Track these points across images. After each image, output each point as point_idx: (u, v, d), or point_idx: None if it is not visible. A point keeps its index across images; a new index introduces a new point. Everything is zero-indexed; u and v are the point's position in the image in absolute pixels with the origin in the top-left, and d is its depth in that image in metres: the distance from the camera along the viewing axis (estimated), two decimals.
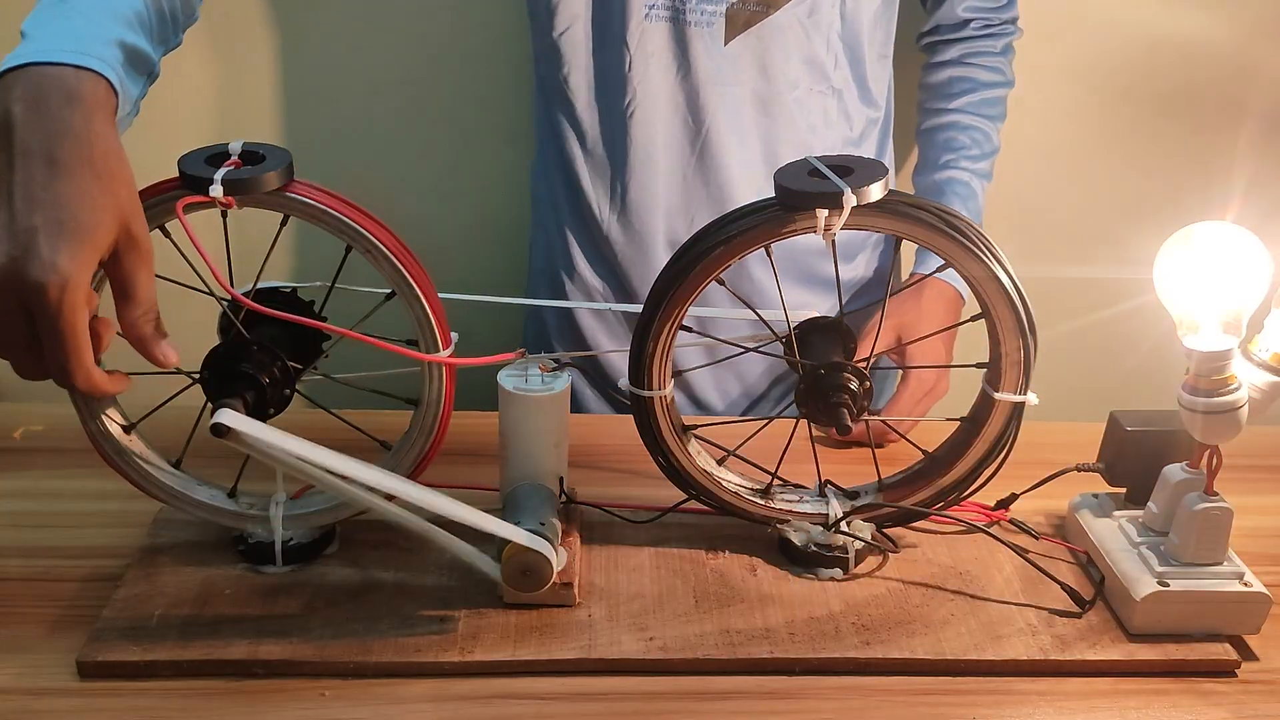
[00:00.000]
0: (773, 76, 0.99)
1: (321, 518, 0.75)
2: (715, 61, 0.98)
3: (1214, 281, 0.69)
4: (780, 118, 1.01)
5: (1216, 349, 0.68)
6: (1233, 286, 0.69)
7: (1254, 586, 0.71)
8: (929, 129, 1.13)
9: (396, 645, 0.69)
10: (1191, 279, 0.70)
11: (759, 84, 1.00)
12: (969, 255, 0.69)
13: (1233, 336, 0.69)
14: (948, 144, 1.10)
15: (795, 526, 0.78)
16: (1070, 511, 0.81)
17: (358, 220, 0.68)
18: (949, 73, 1.12)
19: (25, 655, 0.68)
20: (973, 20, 1.11)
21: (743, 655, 0.69)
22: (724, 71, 0.98)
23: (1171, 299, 0.71)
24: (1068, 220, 1.36)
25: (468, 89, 1.26)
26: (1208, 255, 0.69)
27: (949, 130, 1.11)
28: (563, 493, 0.77)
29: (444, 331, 0.71)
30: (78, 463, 0.85)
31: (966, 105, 1.11)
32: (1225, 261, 0.69)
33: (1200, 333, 0.69)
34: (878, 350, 0.98)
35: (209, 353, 0.70)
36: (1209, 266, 0.69)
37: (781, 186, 0.68)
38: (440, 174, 1.31)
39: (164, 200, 0.66)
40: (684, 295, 0.71)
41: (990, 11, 1.11)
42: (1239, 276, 0.69)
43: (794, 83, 1.00)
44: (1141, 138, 1.26)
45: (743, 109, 1.00)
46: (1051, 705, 0.68)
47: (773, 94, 1.00)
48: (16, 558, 0.77)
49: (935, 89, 1.13)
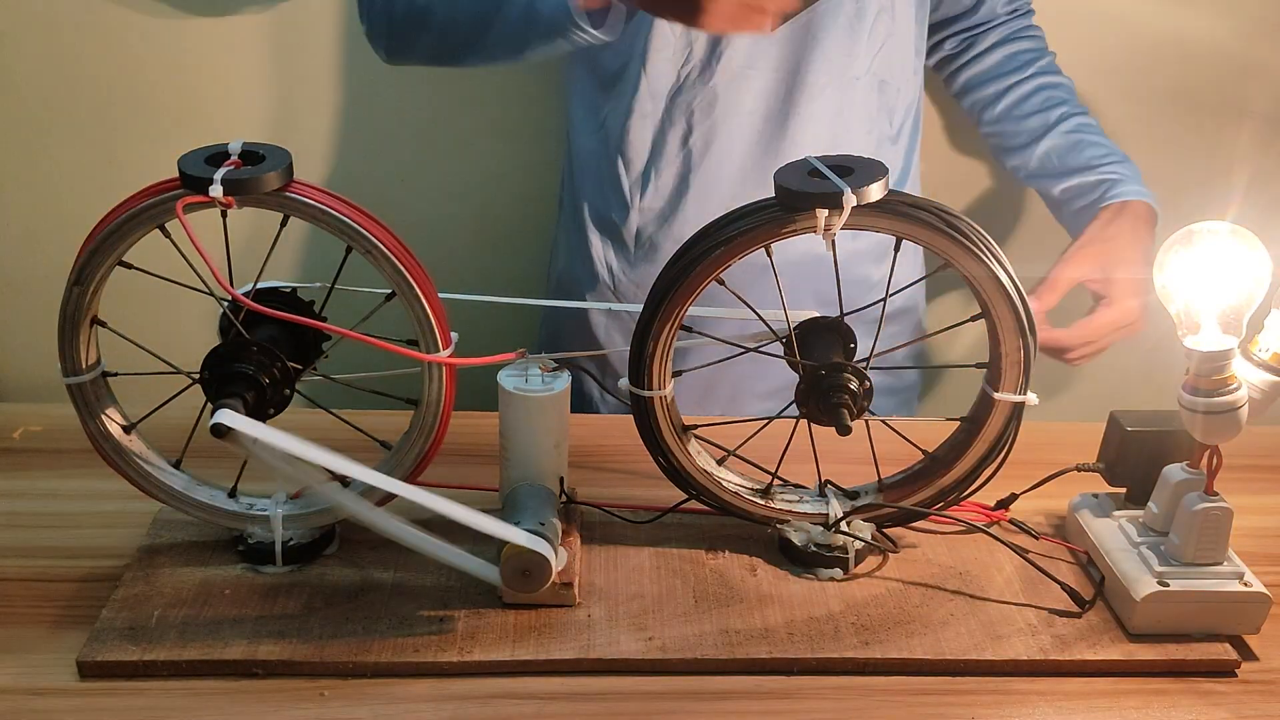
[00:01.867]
0: (812, 67, 0.99)
1: (321, 518, 0.75)
2: (759, 48, 0.98)
3: (1214, 281, 0.69)
4: (816, 105, 1.01)
5: (1216, 349, 0.68)
6: (1232, 286, 0.69)
7: (1254, 586, 0.71)
8: (1013, 102, 1.11)
9: (395, 645, 0.69)
10: (1191, 279, 0.70)
11: (794, 74, 1.00)
12: (969, 255, 0.69)
13: (1232, 336, 0.69)
14: (1049, 102, 1.09)
15: (795, 526, 0.78)
16: (1070, 511, 0.81)
17: (358, 220, 0.68)
18: (1001, 52, 1.12)
19: (25, 655, 0.68)
20: (1006, 3, 1.11)
21: (742, 655, 0.69)
22: (764, 59, 0.98)
23: (1171, 299, 0.71)
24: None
25: (471, 87, 1.26)
26: (1207, 255, 0.69)
27: (1042, 91, 1.09)
28: (563, 493, 0.77)
29: (444, 331, 0.71)
30: (77, 463, 0.85)
31: (1041, 69, 1.11)
32: (1225, 261, 0.69)
33: (1200, 333, 0.69)
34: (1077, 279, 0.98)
35: (209, 353, 0.70)
36: (1209, 266, 0.69)
37: (781, 187, 0.68)
38: (442, 174, 1.31)
39: (164, 200, 0.66)
40: (684, 295, 0.71)
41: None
42: (1238, 276, 0.69)
43: (835, 70, 1.00)
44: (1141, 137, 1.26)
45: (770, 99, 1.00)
46: (1051, 705, 0.68)
47: (810, 82, 1.00)
48: (16, 558, 0.77)
49: (993, 71, 1.12)
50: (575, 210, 1.12)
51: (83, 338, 0.70)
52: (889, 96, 1.04)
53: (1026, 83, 1.11)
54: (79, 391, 0.71)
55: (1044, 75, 1.11)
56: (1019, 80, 1.11)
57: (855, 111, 1.03)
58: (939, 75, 1.19)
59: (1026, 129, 1.11)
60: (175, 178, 0.66)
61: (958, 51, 1.15)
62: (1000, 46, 1.12)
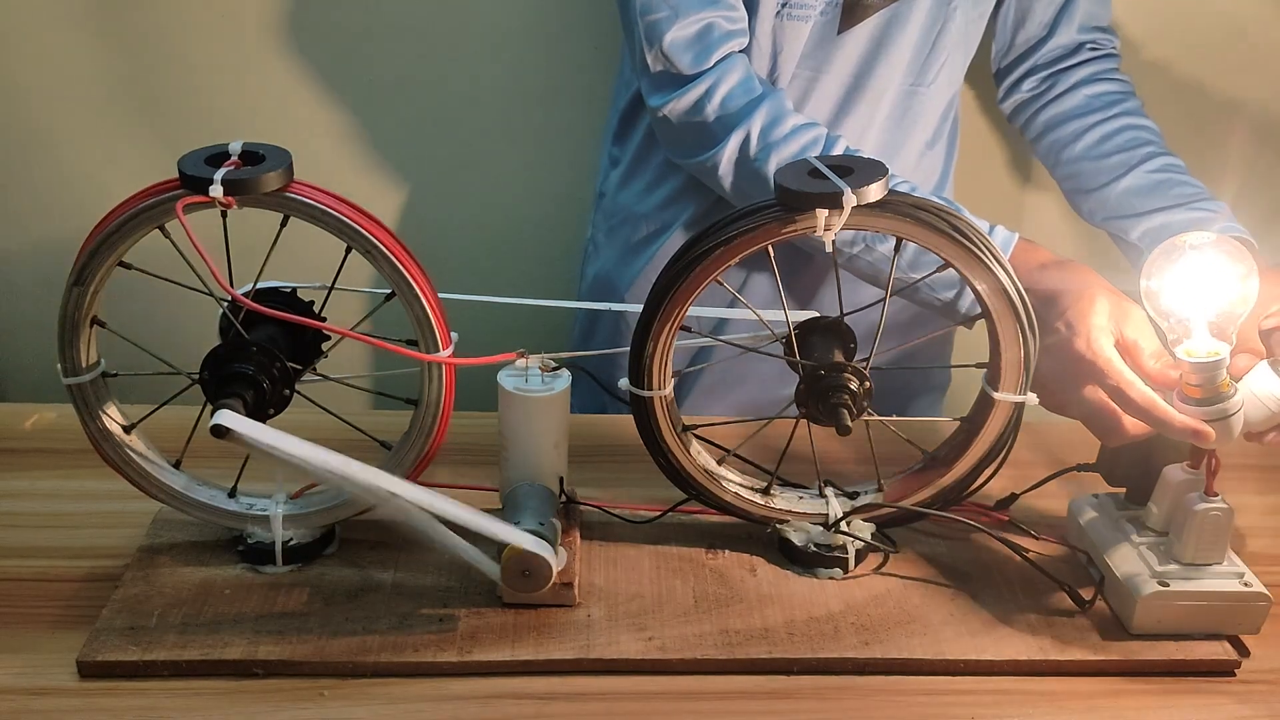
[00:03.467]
0: (873, 70, 0.99)
1: (321, 518, 0.75)
2: (824, 51, 0.97)
3: (1202, 292, 0.69)
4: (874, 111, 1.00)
5: (1207, 360, 0.68)
6: (1220, 296, 0.69)
7: (1254, 586, 0.71)
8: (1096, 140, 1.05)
9: (395, 645, 0.69)
10: (1179, 290, 0.70)
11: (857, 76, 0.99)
12: (969, 256, 0.69)
13: (1224, 344, 0.69)
14: (1134, 141, 1.03)
15: (795, 526, 0.78)
16: (1070, 511, 0.81)
17: (358, 220, 0.68)
18: (1086, 91, 1.07)
19: (25, 655, 0.68)
20: (1086, 43, 1.08)
21: (741, 655, 0.69)
22: (827, 62, 0.98)
23: (1160, 310, 0.71)
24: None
25: (470, 88, 1.26)
26: (1194, 267, 0.70)
27: (1128, 130, 1.04)
28: (563, 493, 0.77)
29: (444, 331, 0.71)
30: (78, 463, 0.85)
31: (1127, 109, 1.06)
32: (1211, 272, 0.69)
33: (1192, 341, 0.69)
34: None
35: (209, 353, 0.70)
36: (1195, 278, 0.70)
37: (781, 187, 0.68)
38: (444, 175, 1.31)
39: (164, 200, 0.66)
40: (684, 295, 0.71)
41: (1102, 32, 1.08)
42: (1226, 286, 0.69)
43: (897, 77, 0.99)
44: None
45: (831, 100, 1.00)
46: (1051, 705, 0.68)
47: (871, 86, 0.99)
48: (16, 558, 0.77)
49: (1078, 110, 1.07)
50: (617, 206, 1.12)
51: (83, 338, 0.70)
52: (940, 104, 1.04)
53: (1110, 122, 1.05)
54: (79, 391, 0.71)
55: (1129, 116, 1.05)
56: (1102, 119, 1.05)
57: (909, 119, 1.02)
58: (1015, 122, 1.14)
59: (1107, 167, 1.04)
60: (175, 178, 0.66)
61: (1039, 92, 1.10)
62: (1083, 86, 1.07)
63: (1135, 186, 1.01)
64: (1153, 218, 0.99)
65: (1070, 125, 1.08)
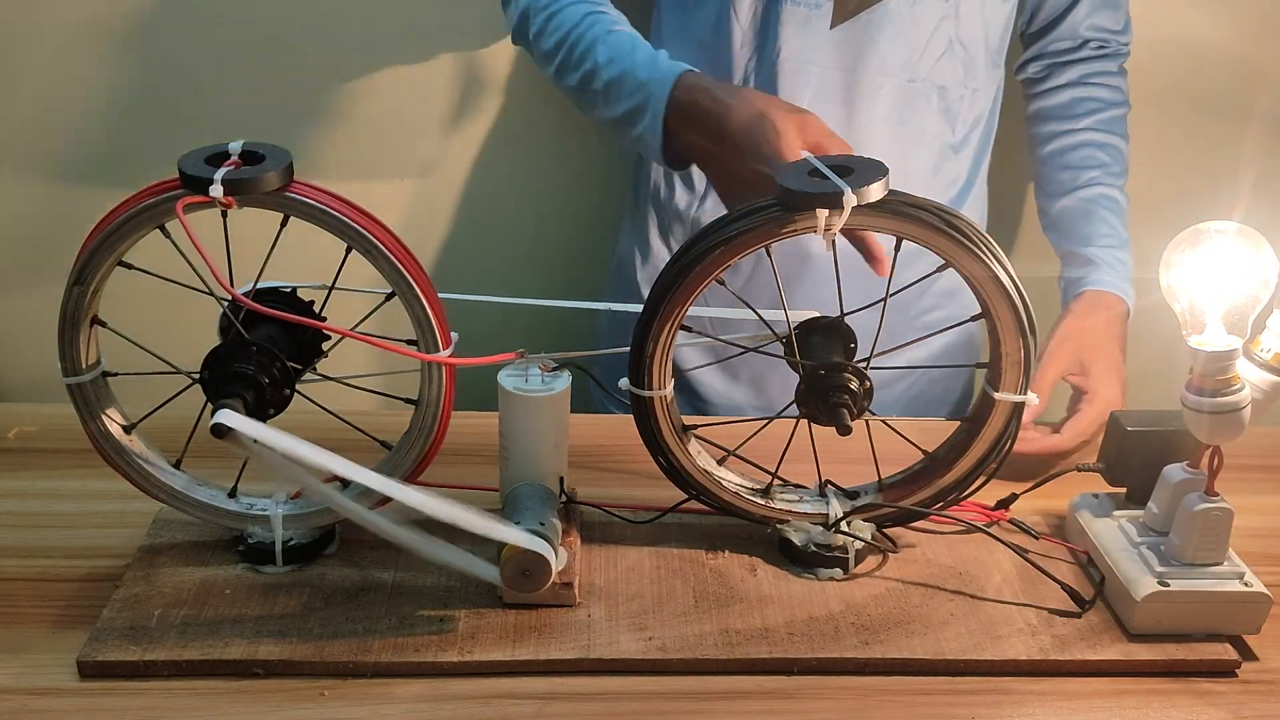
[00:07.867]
0: (869, 64, 0.99)
1: (321, 518, 0.75)
2: (815, 44, 0.98)
3: (1220, 281, 0.69)
4: (872, 107, 1.01)
5: (1221, 349, 0.68)
6: (1238, 286, 0.69)
7: (1254, 586, 0.71)
8: (1056, 150, 1.09)
9: (395, 645, 0.69)
10: (1198, 278, 0.70)
11: (850, 72, 0.99)
12: (969, 255, 0.69)
13: (1237, 336, 0.68)
14: (1085, 161, 1.06)
15: (795, 526, 0.78)
16: (1070, 511, 0.81)
17: (358, 220, 0.68)
18: (1071, 94, 1.09)
19: (25, 655, 0.68)
20: (1091, 40, 1.08)
21: (742, 655, 0.69)
22: (820, 55, 0.98)
23: (1177, 298, 0.71)
24: None
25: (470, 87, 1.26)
26: (1214, 254, 0.69)
27: (1084, 149, 1.07)
28: (563, 493, 0.77)
29: (444, 331, 0.71)
30: (77, 463, 0.85)
31: (1096, 124, 1.07)
32: (1231, 261, 0.69)
33: (1205, 332, 0.69)
34: (1059, 374, 0.94)
35: (209, 353, 0.70)
36: (1215, 266, 0.69)
37: (781, 186, 0.68)
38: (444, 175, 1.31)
39: (164, 200, 0.66)
40: (684, 295, 0.71)
41: (1111, 34, 1.09)
42: (1244, 276, 0.69)
43: (891, 72, 0.99)
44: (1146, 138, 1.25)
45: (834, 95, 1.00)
46: (1051, 705, 0.68)
47: (866, 82, 0.99)
48: (16, 558, 0.77)
49: (1055, 111, 1.10)
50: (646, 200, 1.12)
51: (83, 338, 0.70)
52: (951, 103, 1.03)
53: (1075, 134, 1.08)
54: (79, 391, 0.71)
55: (1096, 131, 1.07)
56: (1070, 129, 1.08)
57: (916, 117, 1.02)
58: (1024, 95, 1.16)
59: (1057, 180, 1.08)
60: (175, 178, 0.66)
61: (1039, 78, 1.12)
62: (1072, 87, 1.09)
63: (1067, 209, 1.06)
64: (1066, 244, 1.06)
65: (1046, 126, 1.11)
